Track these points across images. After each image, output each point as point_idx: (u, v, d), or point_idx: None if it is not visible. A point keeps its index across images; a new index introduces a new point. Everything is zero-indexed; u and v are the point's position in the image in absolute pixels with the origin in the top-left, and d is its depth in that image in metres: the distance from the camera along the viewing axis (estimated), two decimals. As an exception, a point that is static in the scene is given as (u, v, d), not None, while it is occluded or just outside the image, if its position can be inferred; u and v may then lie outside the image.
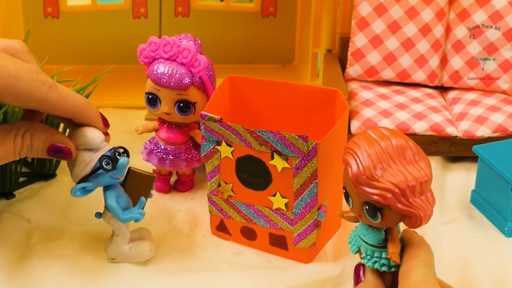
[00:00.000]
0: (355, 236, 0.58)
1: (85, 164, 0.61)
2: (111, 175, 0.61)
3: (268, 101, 0.72)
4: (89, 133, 0.61)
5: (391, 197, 0.51)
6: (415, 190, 0.52)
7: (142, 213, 0.63)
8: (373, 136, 0.53)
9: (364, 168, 0.51)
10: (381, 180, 0.51)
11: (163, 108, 0.71)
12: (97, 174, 0.61)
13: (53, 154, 0.60)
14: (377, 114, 0.83)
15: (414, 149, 0.53)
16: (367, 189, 0.52)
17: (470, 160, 0.82)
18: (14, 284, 0.62)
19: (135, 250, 0.65)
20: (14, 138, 0.58)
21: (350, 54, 0.90)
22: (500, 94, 0.88)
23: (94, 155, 0.60)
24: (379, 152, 0.52)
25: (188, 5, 1.01)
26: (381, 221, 0.53)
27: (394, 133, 0.53)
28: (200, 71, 0.69)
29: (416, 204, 0.52)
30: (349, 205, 0.55)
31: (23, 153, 0.59)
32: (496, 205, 0.72)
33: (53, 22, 0.99)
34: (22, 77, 0.56)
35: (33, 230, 0.69)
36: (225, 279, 0.64)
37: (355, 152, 0.52)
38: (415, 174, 0.52)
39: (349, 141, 0.54)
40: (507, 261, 0.67)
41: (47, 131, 0.60)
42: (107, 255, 0.65)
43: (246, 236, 0.68)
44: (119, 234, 0.64)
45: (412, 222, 0.53)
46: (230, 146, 0.64)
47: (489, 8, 0.87)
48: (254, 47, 1.05)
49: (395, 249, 0.54)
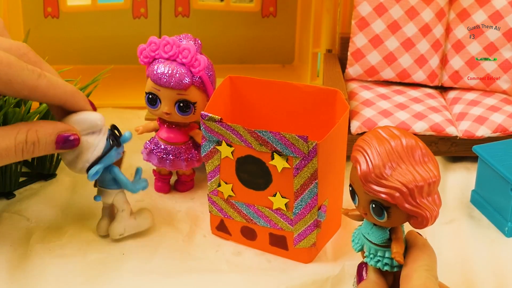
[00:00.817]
0: (359, 234, 0.58)
1: (94, 146, 0.62)
2: (118, 151, 0.64)
3: (268, 101, 0.72)
4: (91, 116, 0.62)
5: (399, 196, 0.51)
6: (423, 190, 0.52)
7: (145, 180, 0.67)
8: (384, 135, 0.53)
9: (373, 166, 0.51)
10: (390, 179, 0.51)
11: (163, 108, 0.71)
12: (109, 154, 0.62)
13: (62, 145, 0.60)
14: (377, 114, 0.83)
15: (423, 150, 0.53)
16: (376, 187, 0.52)
17: (470, 160, 0.83)
18: (14, 283, 0.62)
19: (140, 218, 0.68)
20: (16, 136, 0.58)
21: (350, 54, 0.90)
22: (500, 94, 0.88)
23: (100, 136, 0.62)
24: (389, 151, 0.52)
25: (188, 5, 1.01)
26: (387, 220, 0.53)
27: (404, 133, 0.53)
28: (200, 71, 0.69)
29: (423, 205, 0.52)
30: (355, 203, 0.55)
31: (27, 150, 0.59)
32: (496, 205, 0.72)
33: (53, 22, 0.99)
34: (13, 65, 0.56)
35: (33, 230, 0.69)
36: (225, 279, 0.64)
37: (365, 150, 0.52)
38: (424, 174, 0.52)
39: (358, 139, 0.54)
40: (507, 261, 0.67)
41: (50, 123, 0.60)
42: (114, 233, 0.67)
43: (246, 236, 0.68)
44: (124, 209, 0.67)
45: (418, 223, 0.53)
46: (230, 146, 0.64)
47: (489, 8, 0.87)
48: (254, 47, 1.05)
49: (399, 249, 0.54)
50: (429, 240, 0.68)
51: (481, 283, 0.64)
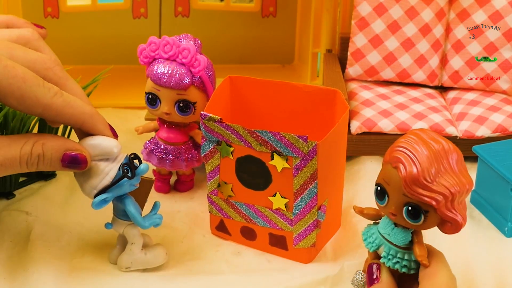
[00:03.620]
0: (375, 233, 0.57)
1: (104, 174, 0.58)
2: (132, 182, 0.59)
3: (268, 101, 0.72)
4: (106, 142, 0.59)
5: (442, 200, 0.51)
6: (462, 196, 0.52)
7: (160, 217, 0.62)
8: (426, 138, 0.52)
9: (422, 169, 0.51)
10: (435, 183, 0.51)
11: (163, 108, 0.71)
12: (119, 184, 0.59)
13: (67, 164, 0.58)
14: (377, 114, 0.83)
15: (460, 156, 0.52)
16: (421, 190, 0.51)
17: (470, 160, 0.82)
18: (14, 281, 0.62)
19: (151, 254, 0.63)
20: (22, 146, 0.57)
21: (350, 54, 0.90)
22: (500, 94, 0.88)
23: (113, 165, 0.58)
24: (435, 154, 0.51)
25: (188, 5, 1.01)
26: (422, 224, 0.53)
27: (441, 136, 0.53)
28: (200, 71, 0.69)
29: (458, 210, 0.52)
30: (382, 203, 0.54)
31: (32, 162, 0.57)
32: (496, 205, 0.72)
33: (53, 22, 0.99)
34: (29, 80, 0.55)
35: (33, 230, 0.69)
36: (224, 279, 0.64)
37: (411, 151, 0.51)
38: (463, 180, 0.52)
39: (399, 140, 0.53)
40: (507, 261, 0.67)
41: (59, 139, 0.58)
42: (120, 265, 0.63)
43: (246, 236, 0.68)
44: (134, 242, 0.63)
45: (451, 228, 0.53)
46: (230, 146, 0.64)
47: (489, 8, 0.87)
48: (254, 47, 1.05)
49: (423, 252, 0.54)
50: (429, 240, 0.68)
51: (481, 283, 0.64)
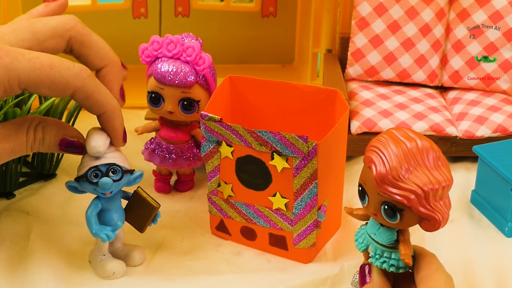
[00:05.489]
0: (364, 234, 0.57)
1: (82, 166, 0.60)
2: (95, 188, 0.59)
3: (268, 101, 0.72)
4: (92, 140, 0.59)
5: (415, 198, 0.51)
6: (437, 193, 0.52)
7: (110, 235, 0.61)
8: (399, 136, 0.52)
9: (390, 168, 0.51)
10: (406, 181, 0.51)
11: (166, 107, 0.71)
12: (83, 181, 0.59)
13: (64, 148, 0.59)
14: (377, 114, 0.83)
15: (437, 153, 0.52)
16: (391, 189, 0.51)
17: (470, 160, 0.82)
18: (14, 281, 0.62)
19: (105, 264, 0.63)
20: (26, 131, 0.58)
21: (350, 54, 0.90)
22: (500, 94, 0.88)
23: (91, 162, 0.59)
24: (406, 152, 0.51)
25: (188, 5, 1.01)
26: (399, 222, 0.53)
27: (418, 135, 0.53)
28: (204, 69, 0.69)
29: (436, 208, 0.52)
30: (364, 203, 0.55)
31: (35, 147, 0.58)
32: (496, 205, 0.72)
33: (53, 22, 0.99)
34: (56, 66, 0.55)
35: (33, 230, 0.69)
36: (224, 279, 0.64)
37: (381, 151, 0.51)
38: (439, 177, 0.52)
39: (373, 140, 0.53)
40: (507, 261, 0.67)
41: (59, 125, 0.60)
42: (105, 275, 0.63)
43: (246, 236, 0.68)
44: (97, 243, 0.63)
45: (430, 225, 0.53)
46: (230, 146, 0.64)
47: (489, 8, 0.87)
48: (254, 47, 1.05)
49: (407, 250, 0.54)
50: (429, 240, 0.68)
51: (481, 283, 0.64)
